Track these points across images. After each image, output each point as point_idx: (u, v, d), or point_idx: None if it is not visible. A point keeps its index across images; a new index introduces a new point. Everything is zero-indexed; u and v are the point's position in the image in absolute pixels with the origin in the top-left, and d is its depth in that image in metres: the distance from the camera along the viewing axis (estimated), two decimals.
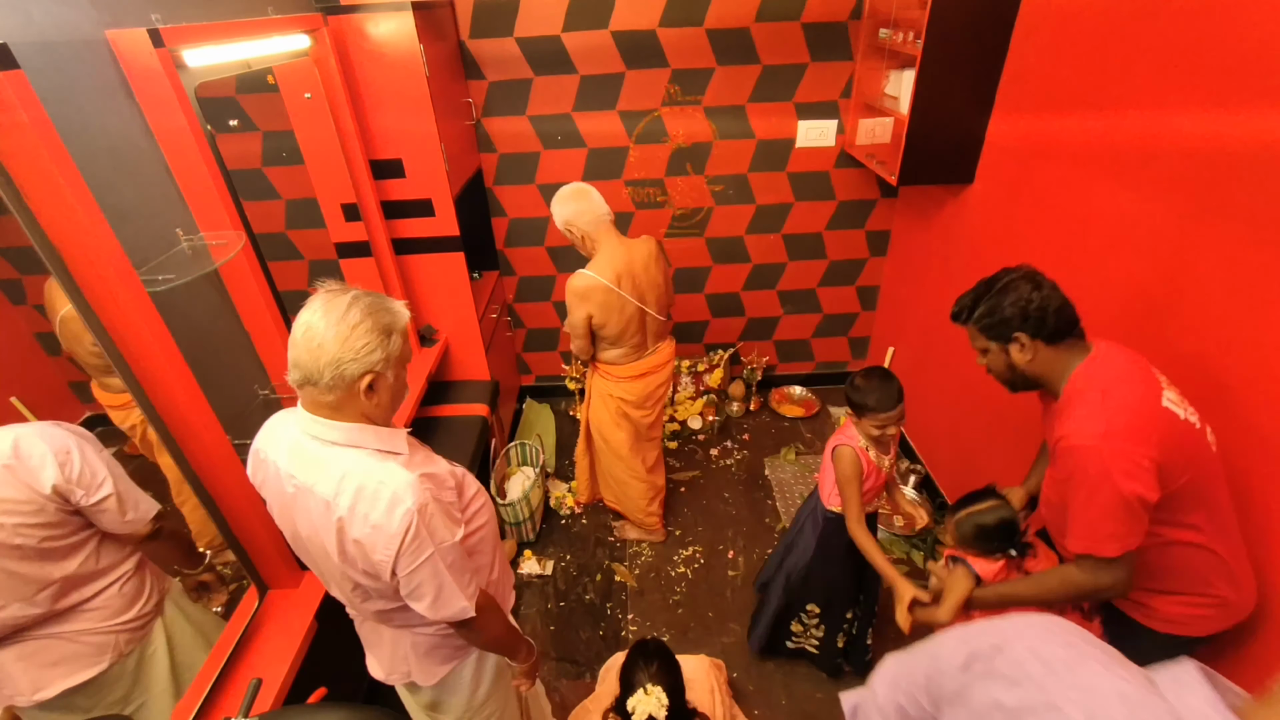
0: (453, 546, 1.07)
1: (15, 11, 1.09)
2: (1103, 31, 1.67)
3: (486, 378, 2.86)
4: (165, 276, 1.28)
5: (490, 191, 3.02)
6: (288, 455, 1.07)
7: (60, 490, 1.10)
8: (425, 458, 1.16)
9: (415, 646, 1.27)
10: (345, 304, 1.00)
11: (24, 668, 1.13)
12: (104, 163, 1.24)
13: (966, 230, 2.45)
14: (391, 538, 1.00)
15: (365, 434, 1.05)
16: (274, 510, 1.15)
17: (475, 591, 1.14)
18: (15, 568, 1.08)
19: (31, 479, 1.07)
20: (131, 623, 1.24)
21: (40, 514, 1.09)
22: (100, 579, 1.20)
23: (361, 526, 1.01)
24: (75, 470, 1.12)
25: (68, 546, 1.14)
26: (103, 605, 1.20)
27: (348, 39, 2.07)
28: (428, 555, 1.04)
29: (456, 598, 1.10)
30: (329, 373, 0.98)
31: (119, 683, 1.25)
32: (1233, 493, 1.29)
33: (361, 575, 1.08)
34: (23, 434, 1.09)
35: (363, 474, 1.02)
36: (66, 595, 1.15)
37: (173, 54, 1.32)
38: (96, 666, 1.19)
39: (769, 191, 3.06)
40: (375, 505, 1.00)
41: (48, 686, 1.15)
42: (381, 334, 1.01)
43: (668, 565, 2.62)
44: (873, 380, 1.64)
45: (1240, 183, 1.31)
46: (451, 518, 1.10)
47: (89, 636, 1.18)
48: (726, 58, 2.73)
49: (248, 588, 1.54)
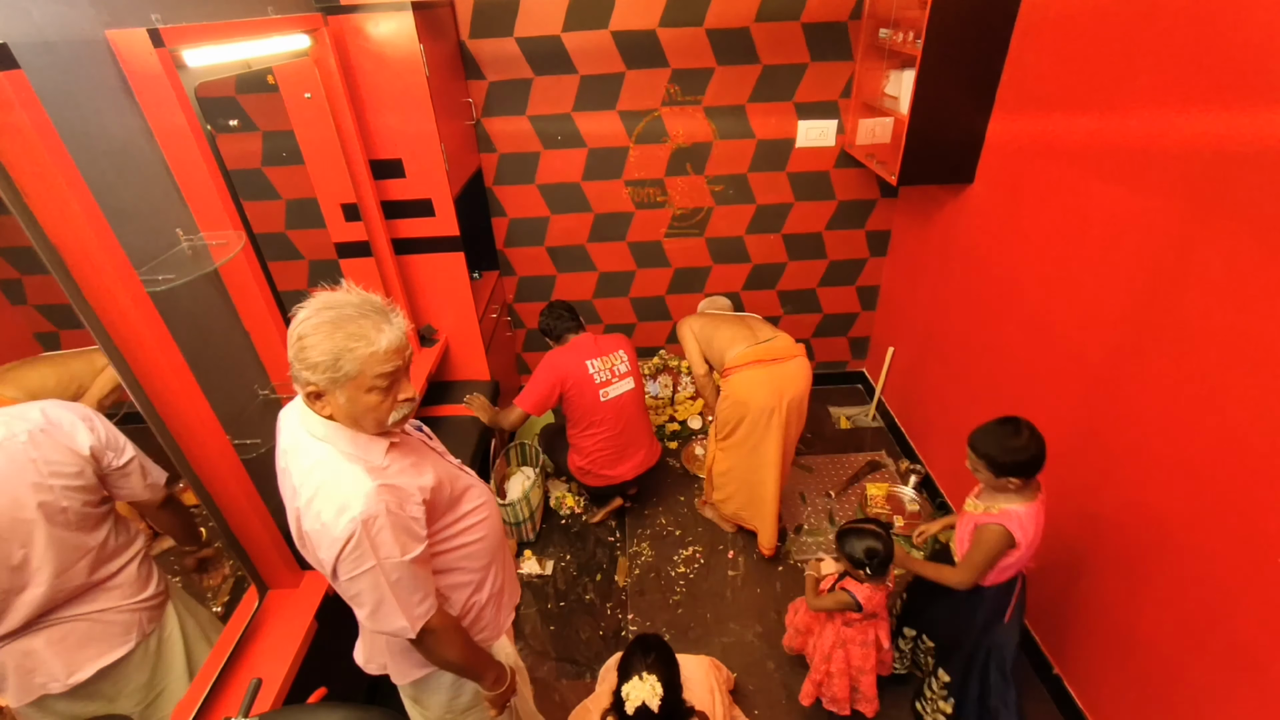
0: (399, 564, 1.05)
1: (15, 11, 1.09)
2: (1102, 31, 1.68)
3: (486, 378, 2.86)
4: (165, 276, 1.27)
5: (490, 191, 3.02)
6: (287, 436, 1.12)
7: (95, 452, 1.14)
8: (406, 469, 1.13)
9: (390, 644, 1.27)
10: (318, 310, 1.01)
11: (55, 651, 1.14)
12: (104, 163, 1.23)
13: (966, 230, 2.45)
14: (334, 541, 1.01)
15: (339, 435, 1.07)
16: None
17: (426, 612, 1.11)
18: (62, 534, 1.10)
19: (69, 441, 1.11)
20: (150, 600, 1.27)
21: (81, 476, 1.12)
22: (121, 555, 1.22)
23: (313, 521, 1.03)
24: (104, 434, 1.16)
25: (99, 515, 1.18)
26: (124, 582, 1.22)
27: (348, 39, 2.07)
28: (368, 567, 1.03)
29: (395, 616, 1.08)
30: (292, 368, 1.02)
31: (143, 666, 1.26)
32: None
33: (317, 565, 1.10)
34: (47, 405, 1.13)
35: (325, 470, 1.04)
36: (99, 567, 1.18)
37: (173, 54, 1.32)
38: (125, 645, 1.22)
39: (769, 191, 3.06)
40: (326, 505, 1.02)
41: (81, 669, 1.16)
42: (329, 356, 0.99)
43: (668, 565, 2.62)
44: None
45: (1240, 183, 1.31)
46: (409, 533, 1.07)
47: (113, 615, 1.20)
48: (726, 58, 2.73)
49: (247, 588, 1.54)
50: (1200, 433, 1.44)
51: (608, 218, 3.11)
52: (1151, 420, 1.58)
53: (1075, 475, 1.86)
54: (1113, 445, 1.72)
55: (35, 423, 1.09)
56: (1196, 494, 1.46)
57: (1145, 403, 1.60)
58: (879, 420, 3.40)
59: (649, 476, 2.81)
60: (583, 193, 3.03)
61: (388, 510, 1.04)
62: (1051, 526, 1.89)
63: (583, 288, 3.33)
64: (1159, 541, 1.58)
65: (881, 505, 2.79)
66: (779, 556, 2.62)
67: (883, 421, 3.38)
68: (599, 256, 3.23)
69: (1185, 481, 1.49)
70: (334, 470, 1.04)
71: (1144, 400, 1.60)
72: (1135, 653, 1.68)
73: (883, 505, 2.79)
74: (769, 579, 2.54)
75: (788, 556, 2.62)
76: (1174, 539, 1.53)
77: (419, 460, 1.17)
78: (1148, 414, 1.60)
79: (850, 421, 3.40)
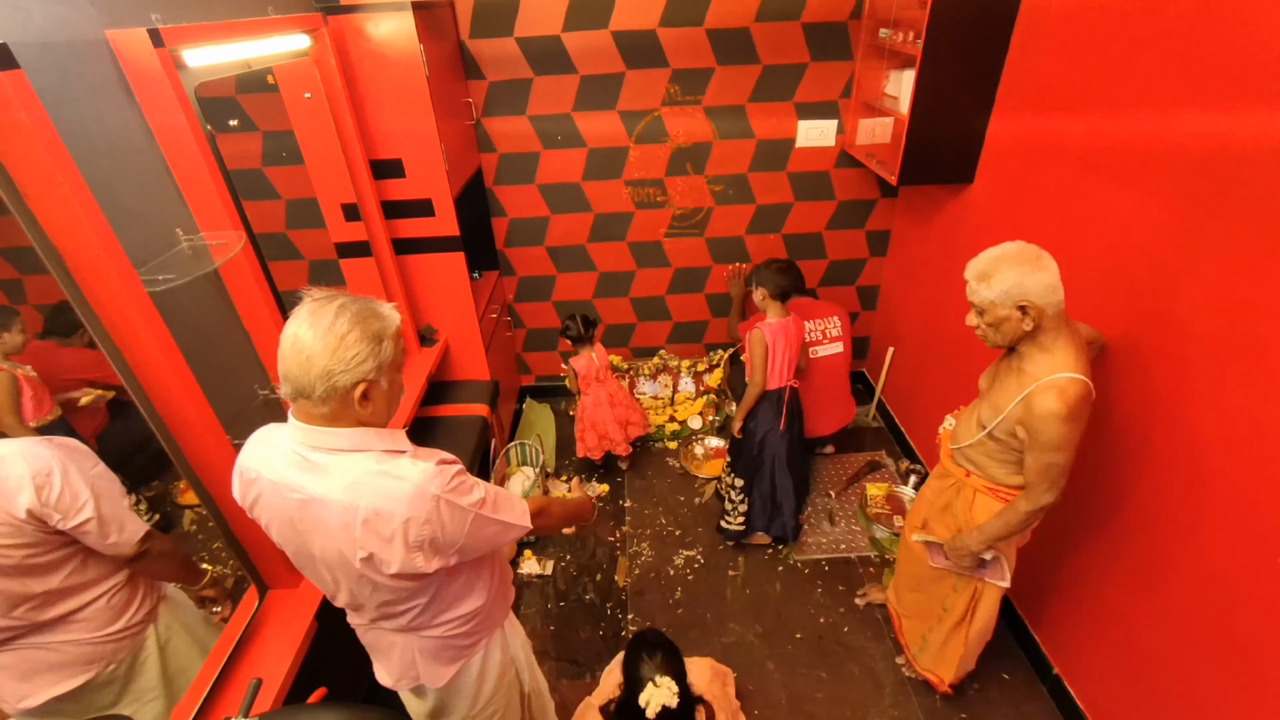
0: (480, 501, 1.10)
1: (15, 11, 1.09)
2: (1102, 31, 1.68)
3: (486, 378, 2.86)
4: (165, 276, 1.27)
5: (490, 191, 3.02)
6: (288, 469, 1.03)
7: (35, 514, 1.07)
8: (424, 453, 1.15)
9: (423, 650, 1.26)
10: (332, 313, 0.97)
11: (5, 677, 1.12)
12: (104, 163, 1.23)
13: (966, 230, 2.45)
14: (434, 502, 1.02)
15: (369, 437, 1.04)
16: (274, 528, 1.11)
17: (527, 509, 1.22)
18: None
19: (6, 502, 1.05)
20: (120, 634, 1.23)
21: (19, 535, 1.07)
22: (87, 591, 1.18)
23: (387, 521, 1.00)
24: (54, 493, 1.09)
25: (50, 563, 1.12)
26: (89, 617, 1.18)
27: (348, 39, 2.07)
28: (480, 495, 1.10)
29: (513, 511, 1.18)
30: (320, 385, 0.95)
31: (108, 688, 1.24)
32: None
33: (386, 577, 1.06)
34: (4, 454, 1.07)
35: (379, 472, 1.01)
36: (49, 608, 1.13)
37: (173, 54, 1.32)
38: (83, 675, 1.18)
39: (769, 191, 3.06)
40: (396, 492, 1.01)
41: (33, 695, 1.14)
42: (372, 341, 0.98)
43: (668, 565, 2.62)
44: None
45: (1240, 183, 1.31)
46: (468, 488, 1.12)
47: (75, 647, 1.17)
48: (726, 58, 2.73)
49: (247, 588, 1.54)
50: (1200, 432, 1.44)
51: (608, 218, 3.11)
52: (1151, 420, 1.58)
53: (1074, 475, 1.86)
54: (1113, 444, 1.72)
55: None
56: (1196, 494, 1.46)
57: (1145, 402, 1.60)
58: (879, 420, 3.40)
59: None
60: (583, 193, 3.03)
61: (451, 473, 1.07)
62: (1052, 526, 1.89)
63: (583, 288, 3.34)
64: (1158, 542, 1.58)
65: (881, 505, 2.79)
66: (779, 557, 2.62)
67: (883, 421, 3.38)
68: (599, 256, 3.23)
69: (1185, 481, 1.49)
70: (387, 470, 1.02)
71: (1144, 400, 1.60)
72: (1135, 653, 1.68)
73: (883, 505, 2.79)
74: (769, 579, 2.54)
75: (787, 557, 2.62)
76: (1173, 539, 1.53)
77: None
78: (1147, 414, 1.60)
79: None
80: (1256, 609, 1.33)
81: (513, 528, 1.18)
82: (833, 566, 2.57)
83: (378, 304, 1.04)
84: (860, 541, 2.67)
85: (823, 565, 2.58)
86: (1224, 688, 1.42)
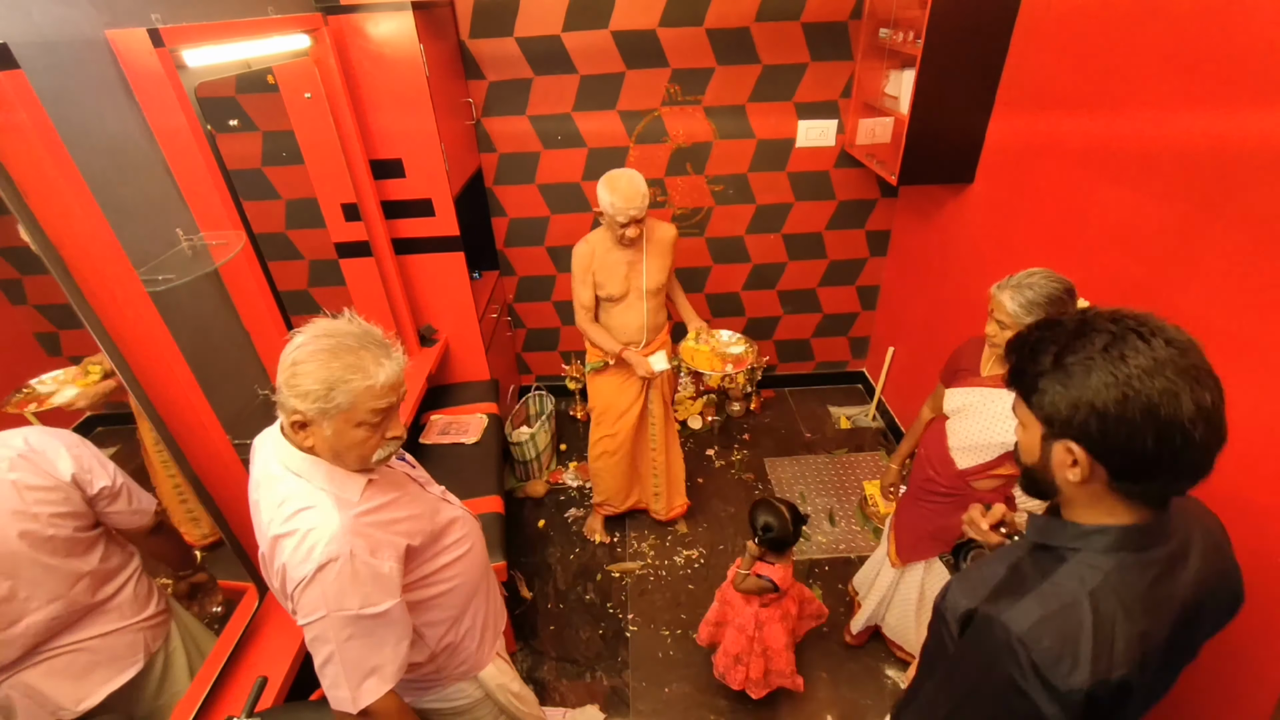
0: (354, 618, 0.97)
1: (15, 11, 1.09)
2: (1102, 31, 1.68)
3: (486, 377, 2.86)
4: (165, 276, 1.27)
5: (490, 191, 3.02)
6: (259, 467, 1.07)
7: (78, 478, 1.12)
8: (385, 506, 1.09)
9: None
10: (316, 338, 0.98)
11: (56, 683, 1.12)
12: (104, 163, 1.23)
13: (967, 230, 2.45)
14: (294, 581, 0.98)
15: (315, 469, 1.02)
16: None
17: (374, 688, 1.02)
18: (51, 561, 1.09)
19: (51, 468, 1.09)
20: (152, 619, 1.26)
21: (68, 502, 1.11)
22: (118, 575, 1.21)
23: (279, 558, 0.99)
24: (87, 460, 1.14)
25: (90, 540, 1.16)
26: (121, 605, 1.21)
27: (348, 39, 2.07)
28: (319, 616, 0.97)
29: (339, 683, 1.00)
30: (280, 394, 0.99)
31: (148, 681, 1.26)
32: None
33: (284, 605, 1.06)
34: (29, 431, 1.11)
35: (295, 504, 1.00)
36: (95, 591, 1.16)
37: (173, 54, 1.32)
38: (134, 666, 1.21)
39: (769, 191, 3.06)
40: (293, 542, 0.98)
41: (89, 695, 1.15)
42: (321, 385, 0.95)
43: (668, 565, 2.62)
44: None
45: (1240, 183, 1.31)
46: (376, 584, 1.00)
47: (115, 638, 1.19)
48: (726, 57, 2.73)
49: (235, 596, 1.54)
50: None
51: None
52: None
53: None
54: None
55: (16, 449, 1.06)
56: (1195, 493, 1.46)
57: None
58: (879, 420, 3.40)
59: None
60: (583, 193, 3.03)
61: (353, 554, 0.97)
62: None
63: None
64: None
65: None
66: None
67: (883, 421, 3.38)
68: None
69: None
70: (304, 506, 0.99)
71: None
72: None
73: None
74: None
75: None
76: None
77: (400, 496, 1.13)
78: None
79: (850, 421, 3.39)
80: (1256, 609, 1.33)
81: (335, 675, 1.01)
82: (833, 566, 2.57)
83: (375, 357, 0.99)
84: (860, 541, 2.67)
85: (823, 565, 2.58)
86: (1224, 687, 1.42)
